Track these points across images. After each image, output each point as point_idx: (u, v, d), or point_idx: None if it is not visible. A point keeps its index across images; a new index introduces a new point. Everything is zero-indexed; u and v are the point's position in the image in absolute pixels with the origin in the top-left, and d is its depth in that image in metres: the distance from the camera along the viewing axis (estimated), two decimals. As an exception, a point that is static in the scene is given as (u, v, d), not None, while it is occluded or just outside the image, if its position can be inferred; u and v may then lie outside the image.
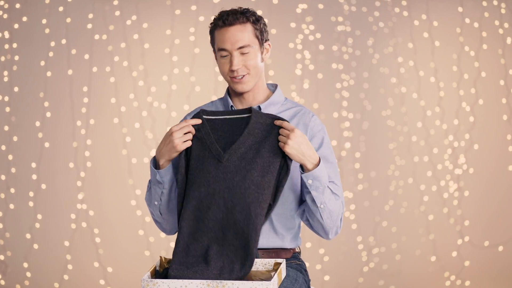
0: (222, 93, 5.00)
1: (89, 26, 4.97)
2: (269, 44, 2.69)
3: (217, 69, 4.98)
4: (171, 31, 4.97)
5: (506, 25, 4.98)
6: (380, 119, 5.01)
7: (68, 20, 4.97)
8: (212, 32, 2.66)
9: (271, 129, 2.49)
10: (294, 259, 2.68)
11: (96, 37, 4.97)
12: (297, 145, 2.44)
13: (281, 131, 2.48)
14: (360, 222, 4.99)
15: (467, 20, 5.00)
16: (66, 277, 4.95)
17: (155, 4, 4.97)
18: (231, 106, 2.68)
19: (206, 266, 2.36)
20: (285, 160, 2.47)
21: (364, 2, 5.00)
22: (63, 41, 4.98)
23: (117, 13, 4.96)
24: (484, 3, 4.99)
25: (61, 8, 4.97)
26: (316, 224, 2.58)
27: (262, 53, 2.66)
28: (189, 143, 2.51)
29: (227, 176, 2.45)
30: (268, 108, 2.68)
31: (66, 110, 4.98)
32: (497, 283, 4.94)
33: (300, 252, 2.74)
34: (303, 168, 2.50)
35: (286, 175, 2.46)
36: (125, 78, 4.98)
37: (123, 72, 4.97)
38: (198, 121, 2.53)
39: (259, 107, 2.67)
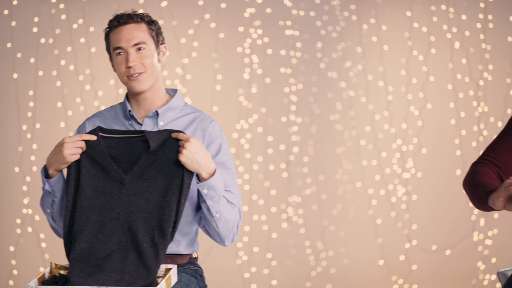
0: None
1: (35, 29, 4.93)
2: (165, 47, 2.72)
3: (164, 72, 4.95)
4: (117, 35, 4.94)
5: (454, 29, 4.98)
6: (328, 123, 5.00)
7: (14, 23, 4.93)
8: (107, 36, 2.67)
9: (170, 144, 2.48)
10: (190, 264, 2.70)
11: (42, 40, 4.93)
12: (191, 155, 2.43)
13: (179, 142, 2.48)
14: (308, 226, 4.99)
15: (416, 25, 5.00)
16: (11, 282, 4.93)
17: (102, 8, 4.93)
18: (129, 110, 2.68)
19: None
20: (186, 172, 2.46)
21: (313, 6, 4.98)
22: (8, 45, 4.93)
23: (63, 16, 4.93)
24: (433, 8, 4.99)
25: (6, 12, 4.92)
26: (212, 232, 2.60)
27: (158, 54, 2.68)
28: (77, 157, 2.48)
29: (130, 199, 2.45)
30: (167, 113, 2.68)
31: (11, 114, 4.95)
32: (444, 287, 4.96)
33: (197, 257, 2.76)
34: (199, 177, 2.49)
35: (187, 189, 2.46)
36: (71, 82, 4.94)
37: (70, 76, 4.94)
38: (92, 138, 2.50)
39: (156, 112, 2.66)
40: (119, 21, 2.64)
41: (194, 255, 2.74)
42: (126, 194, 2.45)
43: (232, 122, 4.99)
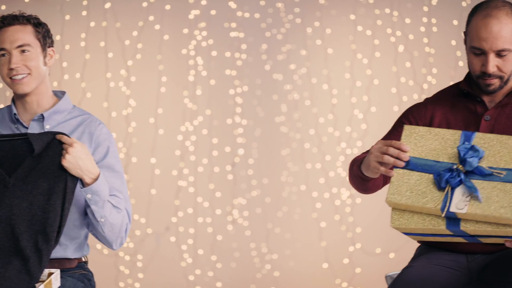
0: (114, 99, 4.97)
1: (-22, 30, 4.91)
2: (53, 50, 2.70)
3: (108, 74, 4.94)
4: (60, 36, 4.92)
5: (398, 33, 5.01)
6: (273, 126, 5.01)
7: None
8: None
9: (54, 146, 2.46)
10: (78, 268, 2.67)
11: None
12: (74, 160, 2.42)
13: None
14: (253, 228, 4.99)
15: (360, 28, 5.02)
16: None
17: (44, 9, 4.91)
18: (14, 114, 2.66)
19: None
20: (70, 176, 2.44)
21: (257, 8, 5.00)
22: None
23: (7, 17, 4.91)
24: (377, 11, 5.01)
25: None
26: (99, 236, 2.59)
27: (45, 57, 2.66)
28: None
29: (13, 202, 2.42)
30: (53, 116, 2.66)
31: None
32: (388, 290, 4.97)
33: (87, 261, 2.73)
34: (82, 182, 2.49)
35: (72, 193, 2.44)
36: (14, 83, 4.92)
37: (13, 77, 4.91)
38: None
39: (42, 115, 2.65)
40: (3, 22, 2.61)
41: (84, 259, 2.72)
42: (10, 197, 2.41)
43: (177, 124, 4.99)
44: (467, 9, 4.91)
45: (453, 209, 2.11)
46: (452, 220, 2.11)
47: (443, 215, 2.12)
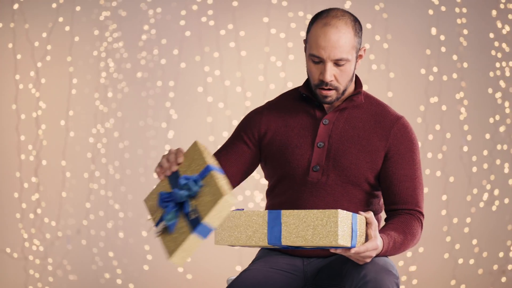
0: (23, 102, 4.91)
1: None
2: None
3: (17, 76, 4.88)
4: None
5: (312, 36, 5.00)
6: (186, 128, 4.98)
7: None
8: None
9: None
10: None
11: None
12: None
13: None
14: (166, 231, 4.97)
15: (273, 31, 5.01)
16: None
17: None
18: None
19: None
20: None
21: (169, 10, 4.96)
22: None
23: None
24: (290, 14, 5.00)
25: None
26: None
27: None
28: None
29: None
30: None
31: None
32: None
33: None
34: None
35: None
36: None
37: None
38: None
39: None
40: None
41: None
42: None
43: (88, 126, 4.95)
44: (380, 13, 4.94)
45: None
46: (274, 236, 2.16)
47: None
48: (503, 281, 4.94)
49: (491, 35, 5.00)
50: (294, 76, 5.02)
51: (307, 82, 2.55)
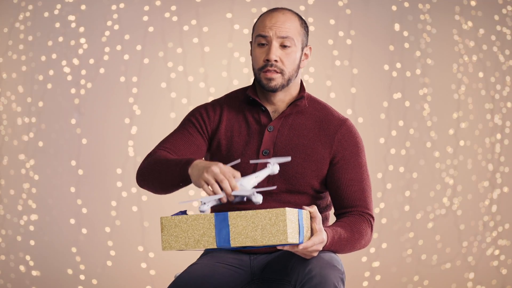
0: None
1: None
2: None
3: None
4: None
5: (275, 32, 5.00)
6: (149, 124, 4.98)
7: None
8: None
9: None
10: None
11: None
12: None
13: None
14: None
15: (237, 26, 5.01)
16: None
17: None
18: None
19: None
20: None
21: (133, 5, 4.95)
22: None
23: None
24: (254, 10, 5.00)
25: None
26: None
27: None
28: None
29: None
30: None
31: None
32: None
33: None
34: None
35: None
36: None
37: None
38: None
39: None
40: None
41: None
42: None
43: (52, 122, 4.95)
44: (343, 9, 4.94)
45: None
46: (223, 238, 2.15)
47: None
48: (465, 277, 4.96)
49: (454, 31, 5.01)
50: (258, 72, 5.01)
51: (254, 84, 2.55)
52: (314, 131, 2.50)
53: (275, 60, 2.43)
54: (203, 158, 2.56)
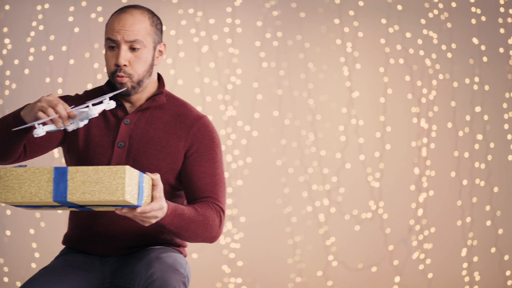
0: None
1: None
2: None
3: None
4: None
5: (202, 33, 4.98)
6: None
7: None
8: None
9: None
10: None
11: None
12: None
13: None
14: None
15: (163, 28, 4.97)
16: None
17: None
18: None
19: None
20: None
21: (58, 6, 4.95)
22: None
23: None
24: (180, 11, 4.98)
25: None
26: None
27: None
28: None
29: None
30: None
31: None
32: (190, 290, 4.97)
33: None
34: None
35: None
36: None
37: None
38: None
39: None
40: None
41: None
42: None
43: None
44: (271, 10, 4.92)
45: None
46: (60, 192, 2.13)
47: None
48: (391, 281, 4.95)
49: (381, 34, 5.00)
50: (184, 73, 5.00)
51: (110, 81, 2.55)
52: (171, 124, 2.51)
53: (124, 65, 2.44)
54: (62, 149, 2.59)
